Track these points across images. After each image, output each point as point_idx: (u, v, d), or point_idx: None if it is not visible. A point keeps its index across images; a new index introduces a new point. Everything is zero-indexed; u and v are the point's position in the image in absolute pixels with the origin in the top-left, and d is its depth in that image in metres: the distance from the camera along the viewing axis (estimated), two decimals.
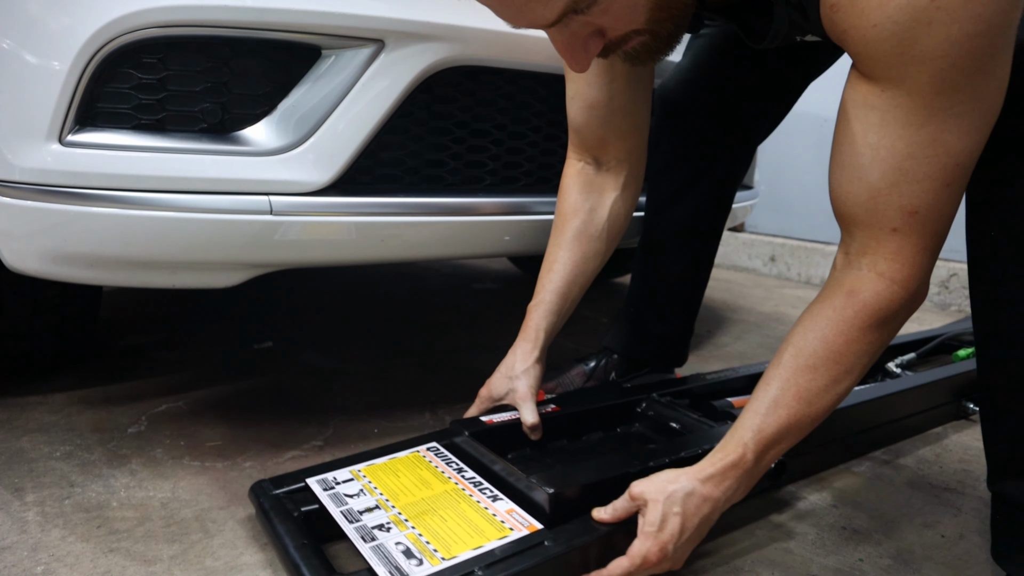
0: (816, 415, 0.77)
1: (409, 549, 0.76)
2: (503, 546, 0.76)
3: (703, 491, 0.76)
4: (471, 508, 0.84)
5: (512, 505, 0.84)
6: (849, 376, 0.76)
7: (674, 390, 1.18)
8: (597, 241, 1.08)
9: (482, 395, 1.04)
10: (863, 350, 0.75)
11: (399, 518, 0.82)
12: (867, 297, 0.74)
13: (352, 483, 0.90)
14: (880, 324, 0.75)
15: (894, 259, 0.73)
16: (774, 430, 0.76)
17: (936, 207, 0.69)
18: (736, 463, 0.77)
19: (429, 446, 0.98)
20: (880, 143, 0.68)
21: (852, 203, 0.73)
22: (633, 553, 0.75)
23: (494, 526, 0.80)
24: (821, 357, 0.75)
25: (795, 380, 0.76)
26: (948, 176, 0.68)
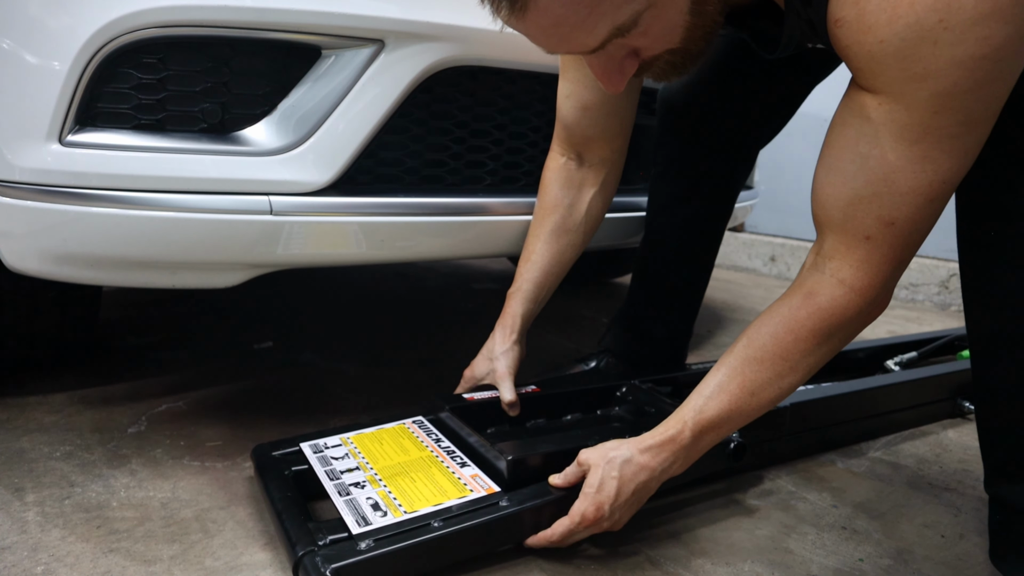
0: (757, 406, 0.81)
1: (377, 503, 0.84)
2: (461, 503, 0.84)
3: (640, 460, 0.83)
4: (440, 472, 0.92)
5: (477, 471, 0.92)
6: (793, 373, 0.79)
7: (657, 377, 1.21)
8: (574, 235, 1.12)
9: (465, 375, 1.11)
10: (810, 350, 0.78)
11: (374, 478, 0.91)
12: (822, 301, 0.76)
13: (340, 448, 0.99)
14: (830, 329, 0.77)
15: (859, 267, 0.74)
16: (714, 413, 0.81)
17: (914, 221, 0.70)
18: (674, 438, 0.82)
19: (415, 419, 1.08)
20: (870, 152, 0.69)
21: (831, 205, 0.74)
22: (573, 512, 0.83)
23: (456, 487, 0.88)
24: (769, 351, 0.78)
25: (742, 369, 0.80)
26: (932, 192, 0.68)
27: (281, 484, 0.91)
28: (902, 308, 2.62)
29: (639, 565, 0.88)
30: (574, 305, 2.27)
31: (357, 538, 0.78)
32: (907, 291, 2.74)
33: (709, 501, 1.05)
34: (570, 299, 2.33)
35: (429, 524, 0.80)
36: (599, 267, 2.46)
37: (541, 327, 1.99)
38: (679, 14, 0.68)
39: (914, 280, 2.73)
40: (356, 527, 0.79)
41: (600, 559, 0.88)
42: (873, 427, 1.30)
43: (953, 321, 2.44)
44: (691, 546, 0.93)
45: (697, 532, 0.96)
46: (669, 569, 0.88)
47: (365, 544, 0.77)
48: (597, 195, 1.12)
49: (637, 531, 0.94)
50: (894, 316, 2.46)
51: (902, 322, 2.38)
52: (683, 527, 0.97)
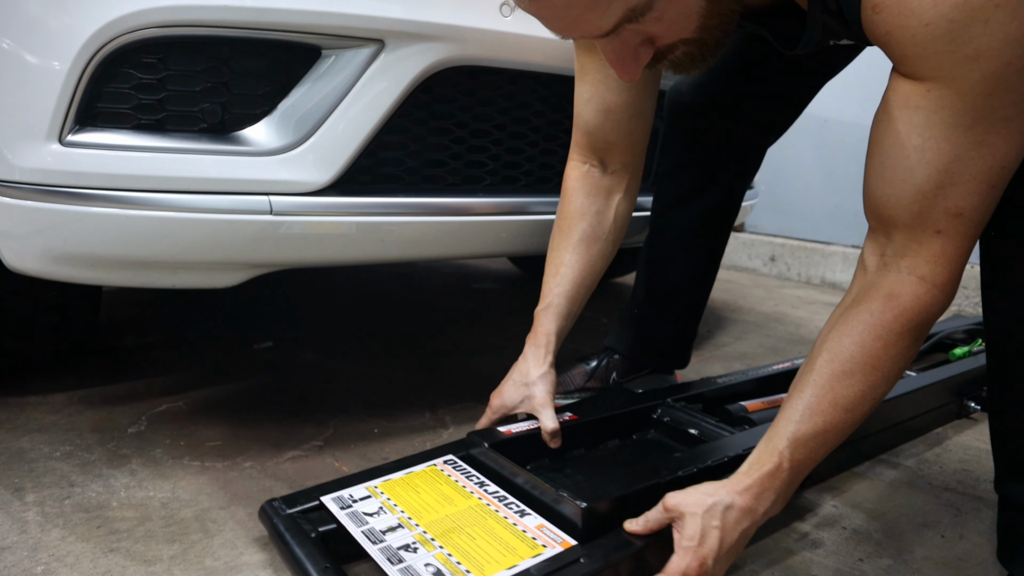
0: (853, 422, 0.75)
1: (440, 571, 0.72)
2: (538, 564, 0.73)
3: (741, 503, 0.74)
4: (499, 524, 0.81)
5: (542, 520, 0.81)
6: (886, 383, 0.74)
7: (686, 395, 1.17)
8: (604, 243, 1.07)
9: (494, 404, 1.01)
10: (900, 355, 0.74)
11: (424, 537, 0.78)
12: (907, 301, 0.72)
13: (370, 500, 0.86)
14: (918, 328, 0.73)
15: (936, 262, 0.71)
16: (810, 438, 0.74)
17: (980, 209, 0.68)
18: (773, 473, 0.74)
19: (446, 459, 0.95)
20: (926, 144, 0.67)
21: (895, 205, 0.71)
22: (671, 569, 0.72)
23: (526, 543, 0.77)
24: (859, 362, 0.73)
25: (831, 386, 0.74)
26: (994, 178, 0.67)
27: (313, 552, 0.76)
28: None
29: None
30: None
31: None
32: None
33: None
34: None
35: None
36: None
37: None
38: (695, 1, 0.67)
39: None
40: None
41: None
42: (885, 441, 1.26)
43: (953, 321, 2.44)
44: None
45: None
46: None
47: None
48: (623, 201, 1.07)
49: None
50: None
51: None
52: None
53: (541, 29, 1.11)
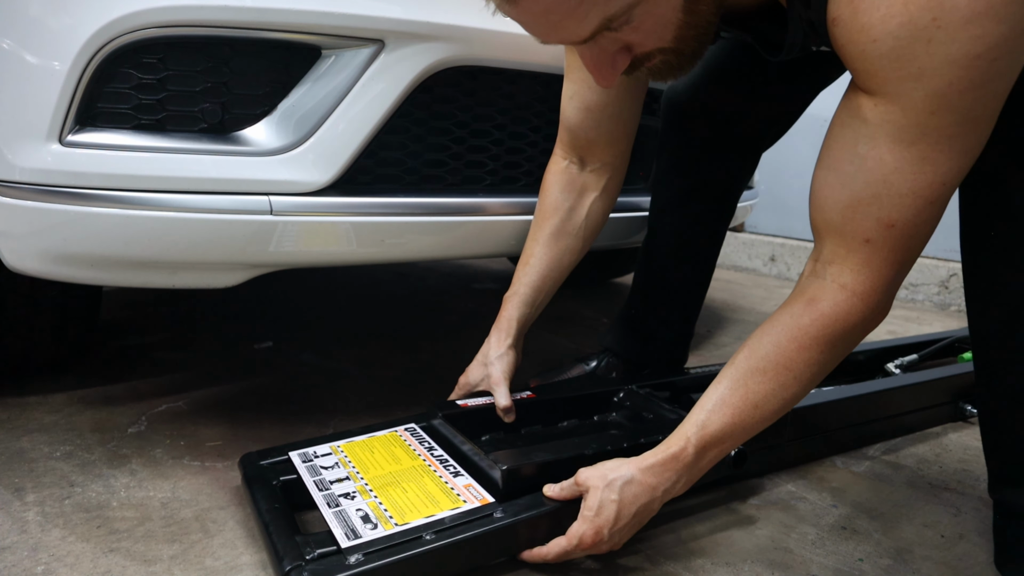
0: (761, 418, 0.78)
1: (367, 515, 0.83)
2: (454, 515, 0.82)
3: (642, 480, 0.80)
4: (432, 482, 0.90)
5: (471, 480, 0.90)
6: (797, 384, 0.77)
7: (655, 382, 1.20)
8: (573, 239, 1.10)
9: (460, 382, 1.09)
10: (814, 359, 0.76)
11: (365, 488, 0.89)
12: (825, 307, 0.74)
13: (330, 456, 0.97)
14: (834, 336, 0.75)
15: (860, 271, 0.73)
16: (717, 428, 0.78)
17: (914, 223, 0.69)
18: (676, 456, 0.79)
19: (407, 427, 1.05)
20: (868, 154, 0.68)
21: (830, 208, 0.73)
22: (571, 534, 0.81)
23: (449, 498, 0.86)
24: (772, 361, 0.76)
25: (744, 381, 0.78)
26: (933, 194, 0.68)
27: (268, 495, 0.89)
28: (902, 308, 2.62)
29: (639, 565, 0.88)
30: (574, 305, 2.27)
31: (346, 552, 0.76)
32: (907, 291, 2.74)
33: (709, 502, 1.05)
34: (570, 299, 2.33)
35: (421, 537, 0.78)
36: (599, 267, 2.46)
37: (541, 327, 1.99)
38: (672, 11, 0.67)
39: (914, 280, 2.73)
40: (345, 540, 0.77)
41: (600, 560, 0.88)
42: (875, 431, 1.29)
43: (953, 321, 2.44)
44: (691, 546, 0.93)
45: (697, 532, 0.96)
46: (669, 569, 0.88)
47: (354, 558, 0.74)
48: (598, 200, 1.10)
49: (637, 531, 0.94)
50: (894, 316, 2.46)
51: (902, 322, 2.38)
52: (683, 527, 0.97)
53: None
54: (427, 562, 0.77)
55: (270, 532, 0.81)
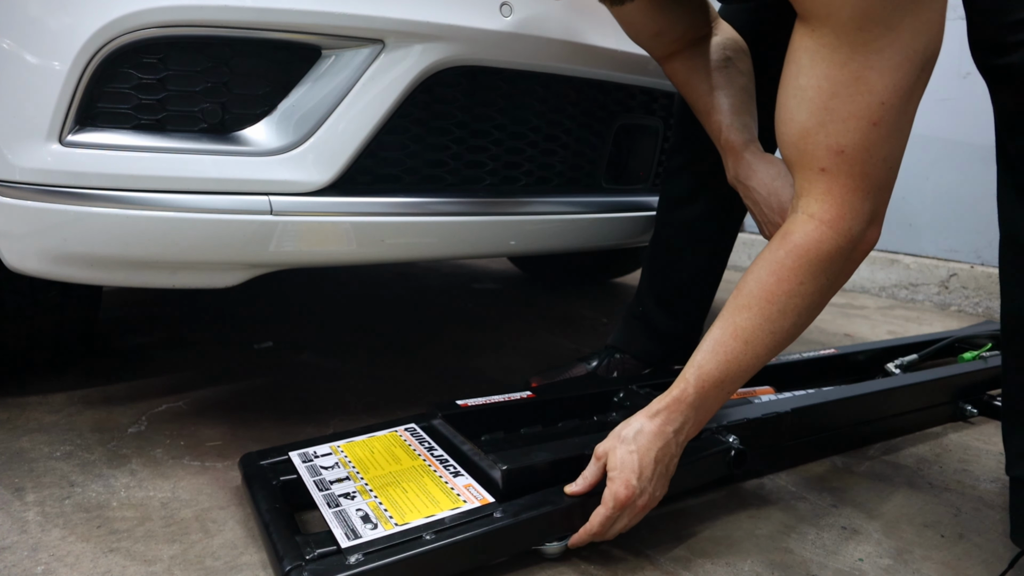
0: (754, 355, 0.80)
1: (368, 515, 0.83)
2: (454, 515, 0.83)
3: (651, 426, 0.82)
4: (432, 482, 0.90)
5: (471, 481, 0.90)
6: (783, 317, 0.78)
7: (655, 382, 1.20)
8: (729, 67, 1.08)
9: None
10: (794, 291, 0.77)
11: (365, 488, 0.89)
12: (797, 238, 0.76)
13: (330, 456, 0.97)
14: (811, 266, 0.76)
15: (823, 199, 0.75)
16: (713, 366, 0.80)
17: (864, 146, 0.71)
18: (679, 398, 0.82)
19: (407, 427, 1.06)
20: (808, 83, 0.71)
21: (786, 143, 0.76)
22: (605, 498, 0.81)
23: (449, 498, 0.86)
24: (755, 296, 0.79)
25: (732, 319, 0.80)
26: (873, 115, 0.69)
27: (269, 495, 0.89)
28: (902, 308, 2.62)
29: (639, 565, 0.88)
30: (574, 305, 2.27)
31: (346, 552, 0.76)
32: (907, 291, 2.74)
33: (709, 502, 1.05)
34: (570, 299, 2.33)
35: (420, 537, 0.78)
36: (599, 267, 2.46)
37: (541, 327, 1.99)
38: None
39: (914, 280, 2.73)
40: (345, 540, 0.78)
41: (600, 560, 0.88)
42: (875, 431, 1.29)
43: (953, 321, 2.44)
44: (691, 546, 0.93)
45: (697, 532, 0.96)
46: (669, 569, 0.88)
47: (354, 558, 0.75)
48: (709, 43, 1.09)
49: (637, 531, 0.94)
50: (894, 316, 2.46)
51: (902, 322, 2.38)
52: (683, 527, 0.97)
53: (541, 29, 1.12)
54: (427, 562, 0.77)
55: (270, 532, 0.81)
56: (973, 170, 2.53)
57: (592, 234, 1.32)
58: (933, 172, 2.61)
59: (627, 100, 1.34)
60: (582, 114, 1.27)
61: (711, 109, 1.08)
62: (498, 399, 1.09)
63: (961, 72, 2.47)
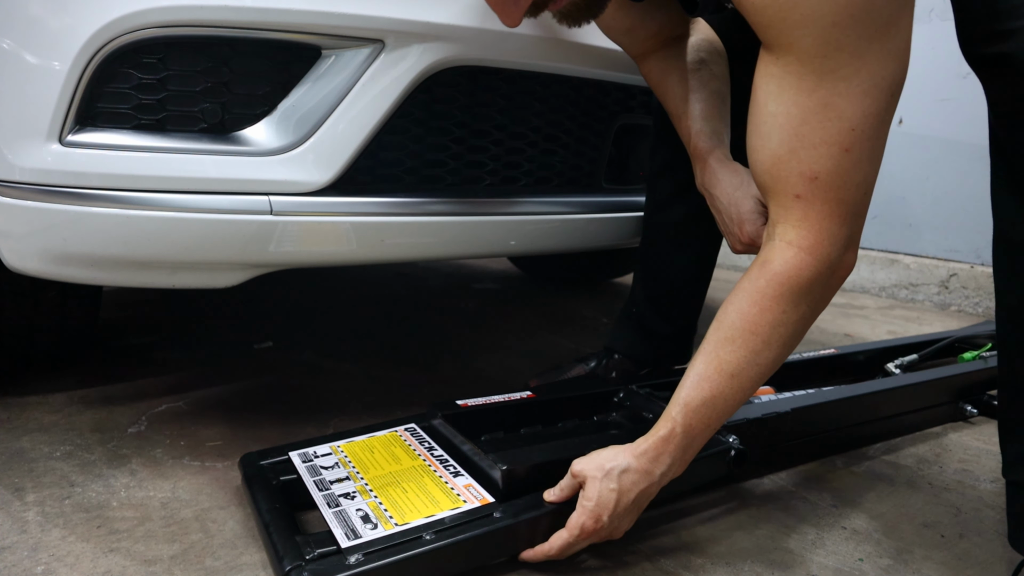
0: (740, 388, 0.78)
1: (368, 515, 0.83)
2: (454, 515, 0.83)
3: (638, 466, 0.80)
4: (432, 482, 0.90)
5: (471, 481, 0.90)
6: (768, 348, 0.77)
7: (655, 382, 1.20)
8: (701, 70, 1.07)
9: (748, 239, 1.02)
10: (778, 320, 0.76)
11: (365, 488, 0.89)
12: (776, 266, 0.75)
13: (330, 456, 0.98)
14: (792, 294, 0.75)
15: (800, 226, 0.74)
16: (699, 404, 0.79)
17: (837, 172, 0.71)
18: (666, 438, 0.80)
19: (407, 427, 1.06)
20: (777, 110, 0.71)
21: (759, 171, 0.75)
22: (571, 524, 0.81)
23: (449, 498, 0.87)
24: (738, 329, 0.77)
25: (716, 353, 0.78)
26: (845, 141, 0.69)
27: (269, 495, 0.89)
28: (902, 308, 2.62)
29: (639, 565, 0.88)
30: (574, 305, 2.27)
31: (346, 552, 0.76)
32: (907, 291, 2.74)
33: (709, 502, 1.05)
34: (570, 299, 2.33)
35: (420, 537, 0.78)
36: (599, 267, 2.46)
37: (541, 327, 1.99)
38: None
39: (914, 280, 2.73)
40: (345, 540, 0.78)
41: (600, 560, 0.88)
42: (875, 431, 1.29)
43: (953, 321, 2.44)
44: (691, 546, 0.93)
45: (697, 532, 0.96)
46: (669, 569, 0.88)
47: (354, 558, 0.75)
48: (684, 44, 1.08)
49: (637, 531, 0.94)
50: (894, 316, 2.46)
51: (902, 322, 2.38)
52: (683, 527, 0.97)
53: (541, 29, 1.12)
54: (427, 562, 0.77)
55: (270, 532, 0.81)
56: (973, 170, 2.53)
57: (592, 234, 1.32)
58: (933, 172, 2.61)
59: (627, 100, 1.34)
60: (582, 114, 1.27)
61: (682, 113, 1.07)
62: (498, 399, 1.09)
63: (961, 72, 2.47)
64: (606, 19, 1.05)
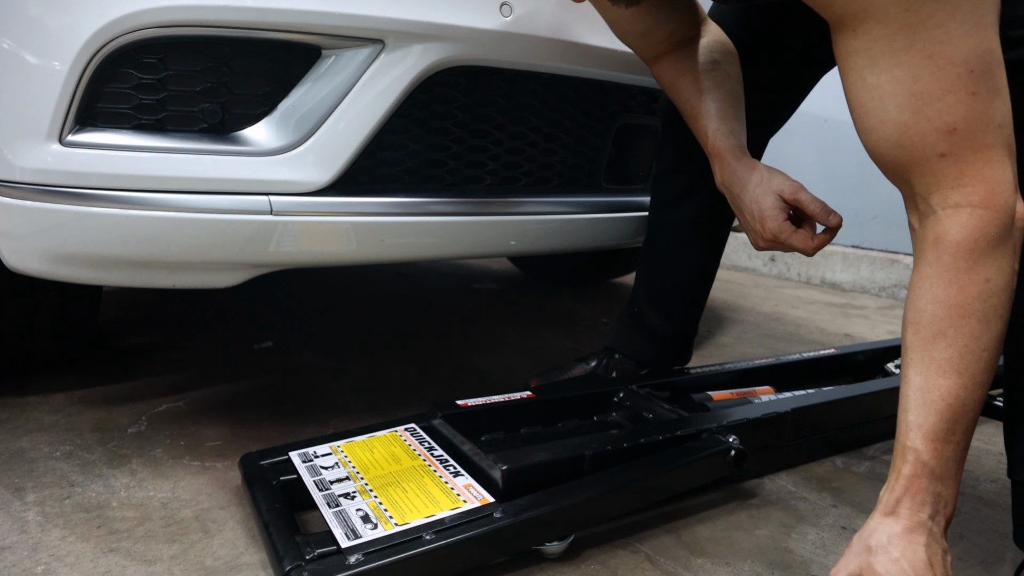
0: (975, 383, 0.67)
1: (368, 515, 0.83)
2: (454, 515, 0.83)
3: (900, 525, 0.67)
4: (432, 482, 0.90)
5: (471, 480, 0.90)
6: (987, 327, 0.66)
7: (655, 382, 1.20)
8: (717, 71, 1.06)
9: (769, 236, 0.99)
10: (986, 292, 0.66)
11: (365, 488, 0.89)
12: (955, 235, 0.66)
13: (330, 456, 0.98)
14: (988, 257, 0.66)
15: (959, 184, 0.66)
16: (936, 419, 0.67)
17: (974, 118, 0.65)
18: (915, 473, 0.67)
19: (407, 427, 1.06)
20: (880, 80, 0.66)
21: (887, 148, 0.69)
22: None
23: (449, 498, 0.86)
24: (942, 318, 0.67)
25: (928, 356, 0.68)
26: (967, 85, 0.64)
27: (268, 495, 0.89)
28: (902, 308, 2.61)
29: (639, 565, 0.88)
30: (574, 305, 2.27)
31: (346, 552, 0.76)
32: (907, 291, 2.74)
33: (709, 501, 1.05)
34: (570, 299, 2.33)
35: (420, 537, 0.78)
36: (599, 267, 2.46)
37: (541, 327, 1.99)
38: None
39: None
40: (345, 540, 0.78)
41: (600, 560, 0.88)
42: (875, 431, 1.29)
43: None
44: (691, 546, 0.93)
45: (697, 532, 0.96)
46: (669, 569, 0.88)
47: (354, 558, 0.75)
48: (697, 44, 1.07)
49: (637, 531, 0.94)
50: (894, 316, 2.46)
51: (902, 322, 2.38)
52: (683, 527, 0.97)
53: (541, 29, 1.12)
54: (427, 562, 0.77)
55: (270, 532, 0.81)
56: None
57: (592, 234, 1.32)
58: None
59: (627, 100, 1.34)
60: (582, 114, 1.27)
61: (698, 113, 1.06)
62: (498, 399, 1.09)
63: None
64: (622, 23, 1.05)
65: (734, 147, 1.03)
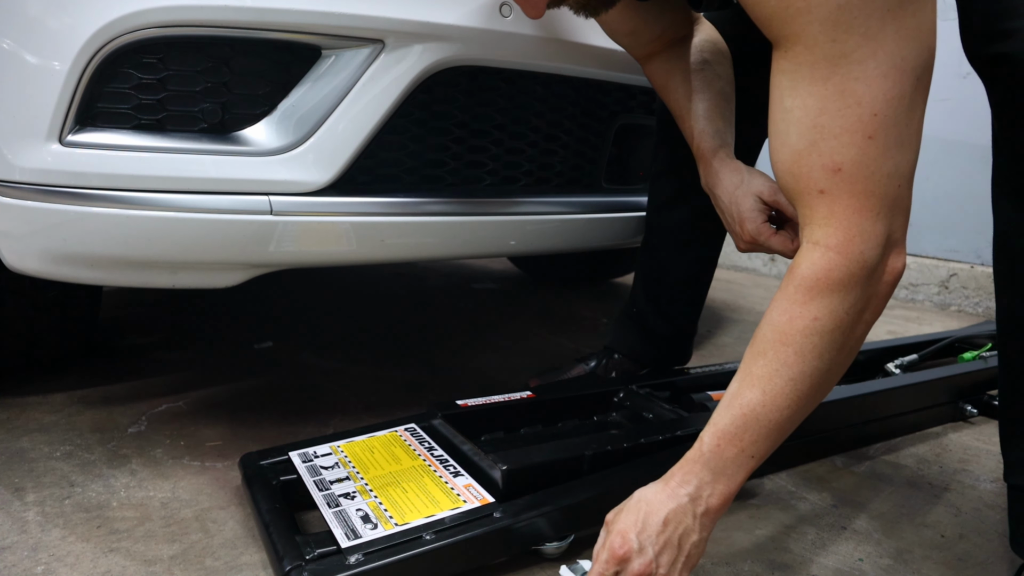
0: (774, 405, 0.71)
1: (368, 515, 0.83)
2: (454, 515, 0.83)
3: (663, 487, 0.74)
4: (432, 482, 0.90)
5: (471, 480, 0.90)
6: (801, 360, 0.70)
7: (655, 382, 1.20)
8: (706, 72, 1.06)
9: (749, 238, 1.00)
10: (809, 328, 0.69)
11: (365, 488, 0.90)
12: (803, 269, 0.70)
13: (330, 456, 0.98)
14: (822, 296, 0.69)
15: (826, 223, 0.68)
16: (727, 420, 0.73)
17: (862, 162, 0.66)
18: (691, 457, 0.74)
19: (407, 427, 1.06)
20: (793, 104, 0.67)
21: (782, 172, 0.71)
22: (597, 551, 0.75)
23: (449, 498, 0.87)
24: (768, 340, 0.72)
25: (747, 369, 0.73)
26: (867, 128, 0.65)
27: (268, 495, 0.89)
28: (902, 308, 2.62)
29: None
30: (574, 305, 2.27)
31: (346, 552, 0.76)
32: (907, 291, 2.74)
33: None
34: (570, 299, 2.33)
35: (420, 537, 0.78)
36: (599, 267, 2.46)
37: (541, 327, 1.99)
38: None
39: (914, 280, 2.73)
40: (345, 540, 0.78)
41: None
42: (875, 431, 1.29)
43: (953, 321, 2.44)
44: None
45: None
46: None
47: (354, 558, 0.75)
48: (688, 46, 1.07)
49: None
50: (894, 316, 2.46)
51: (902, 322, 2.38)
52: None
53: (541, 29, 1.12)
54: (427, 562, 0.77)
55: (270, 532, 0.81)
56: (973, 170, 2.53)
57: (592, 234, 1.32)
58: (933, 172, 2.61)
59: (627, 100, 1.34)
60: (582, 114, 1.27)
61: (686, 114, 1.06)
62: (498, 399, 1.09)
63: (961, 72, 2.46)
64: (610, 21, 1.05)
65: (716, 148, 1.03)
